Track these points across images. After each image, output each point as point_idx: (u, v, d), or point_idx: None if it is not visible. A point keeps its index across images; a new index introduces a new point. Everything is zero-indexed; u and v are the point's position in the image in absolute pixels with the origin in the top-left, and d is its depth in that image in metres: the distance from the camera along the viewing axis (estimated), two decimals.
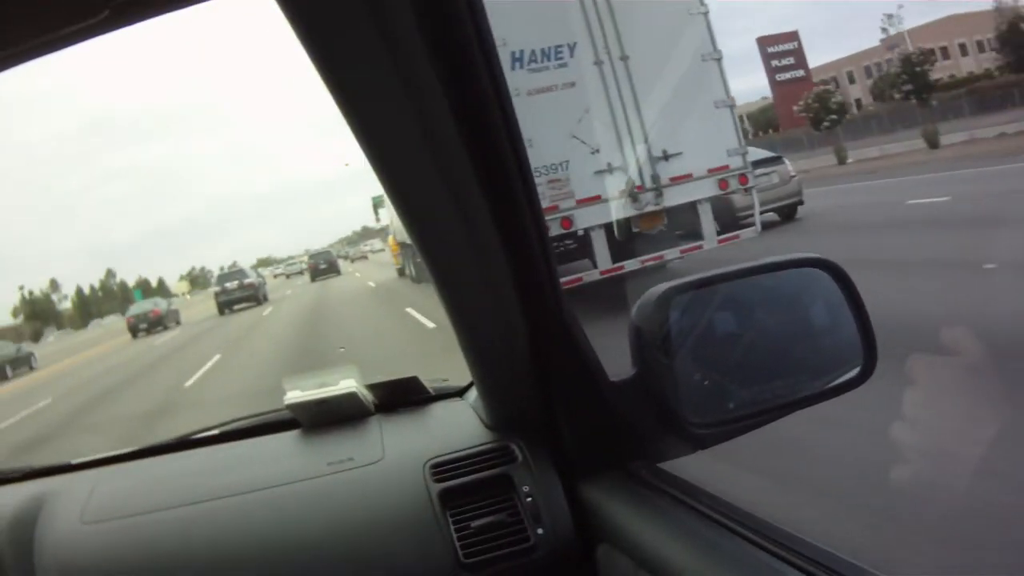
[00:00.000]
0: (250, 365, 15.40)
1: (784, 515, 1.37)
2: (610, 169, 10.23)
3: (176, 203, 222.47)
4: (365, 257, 66.73)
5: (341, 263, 53.40)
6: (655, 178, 10.47)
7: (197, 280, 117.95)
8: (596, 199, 10.27)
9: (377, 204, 29.54)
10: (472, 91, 1.22)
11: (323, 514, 1.82)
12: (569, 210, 10.09)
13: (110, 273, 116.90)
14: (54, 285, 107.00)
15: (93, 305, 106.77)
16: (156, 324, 33.80)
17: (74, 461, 2.34)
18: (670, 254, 10.74)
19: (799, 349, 1.53)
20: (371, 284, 30.82)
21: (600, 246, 10.42)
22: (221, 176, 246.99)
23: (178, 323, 35.13)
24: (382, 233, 50.84)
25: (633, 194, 10.32)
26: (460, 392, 2.23)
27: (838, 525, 3.32)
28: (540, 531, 1.69)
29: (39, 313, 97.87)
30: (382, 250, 71.25)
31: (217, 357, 17.55)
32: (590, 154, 10.13)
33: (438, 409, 2.20)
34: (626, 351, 1.54)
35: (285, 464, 2.05)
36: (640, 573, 1.39)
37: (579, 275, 10.31)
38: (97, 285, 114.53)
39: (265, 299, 35.44)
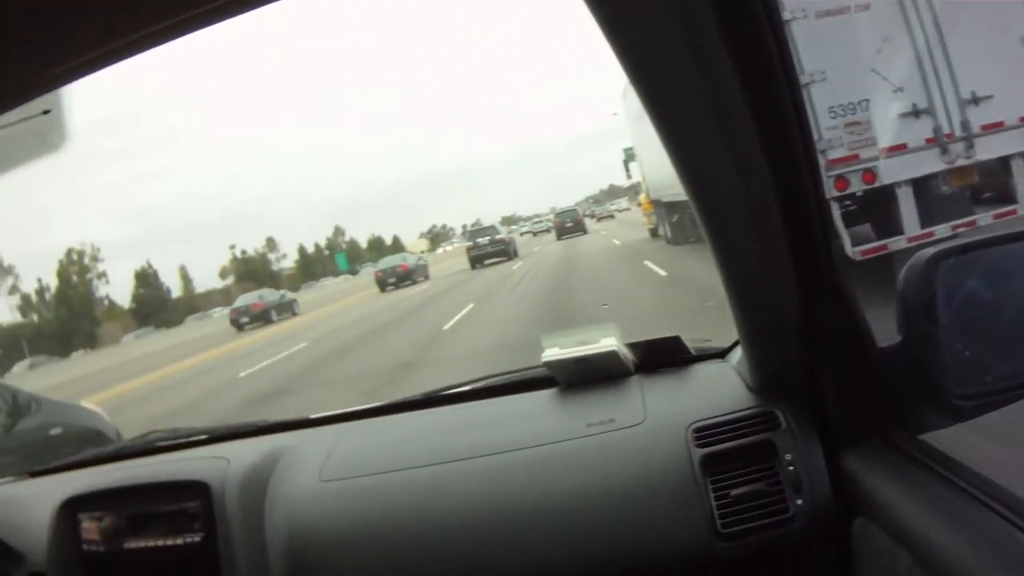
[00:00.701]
0: (501, 316, 15.82)
1: None
2: (915, 112, 8.55)
3: (419, 160, 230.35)
4: (612, 216, 66.23)
5: (587, 222, 52.98)
6: (965, 125, 8.64)
7: (439, 237, 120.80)
8: (902, 148, 8.58)
9: (628, 159, 27.29)
10: (757, 50, 1.21)
11: (581, 476, 1.80)
12: (871, 161, 8.36)
13: (338, 231, 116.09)
14: (271, 244, 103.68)
15: (317, 265, 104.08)
16: (404, 278, 34.45)
17: (314, 416, 2.38)
18: (982, 218, 8.86)
19: None
20: (617, 243, 30.41)
21: (907, 206, 8.58)
22: (465, 133, 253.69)
23: (427, 278, 35.68)
24: (630, 191, 50.02)
25: (943, 143, 8.61)
26: (722, 353, 2.17)
27: None
28: (799, 502, 1.66)
29: (252, 274, 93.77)
30: (627, 209, 70.92)
31: (470, 307, 18.09)
32: (892, 93, 8.49)
33: (700, 371, 2.14)
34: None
35: (542, 423, 2.03)
36: (897, 550, 1.36)
37: (882, 242, 8.50)
38: (323, 243, 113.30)
39: (515, 255, 36.33)
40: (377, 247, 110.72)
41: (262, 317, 33.24)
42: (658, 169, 17.13)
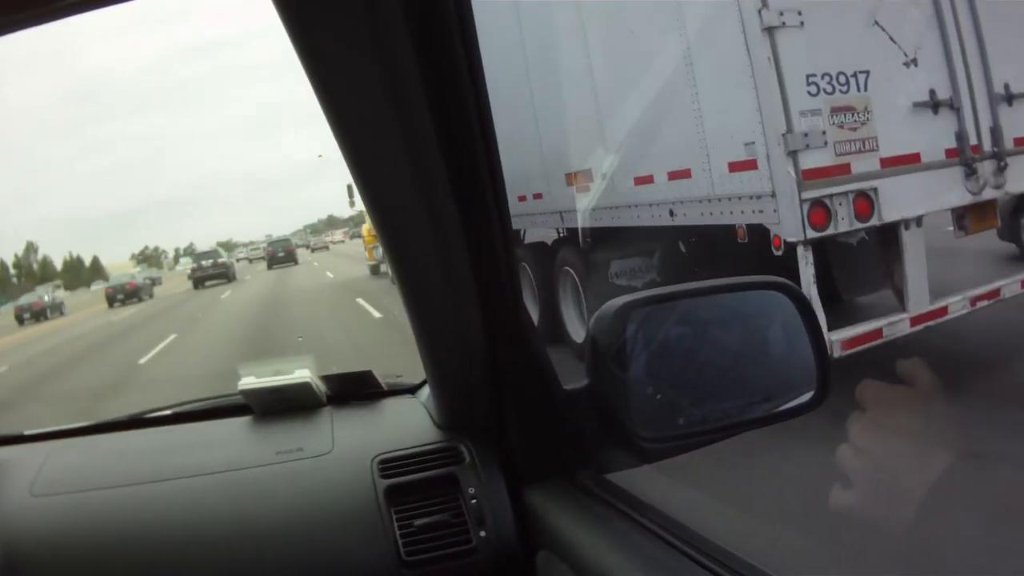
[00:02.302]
0: (220, 328, 18.70)
1: (726, 533, 1.40)
2: (933, 103, 5.51)
3: (139, 184, 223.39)
4: (326, 247, 67.79)
5: (302, 252, 55.14)
6: (996, 134, 5.69)
7: (151, 260, 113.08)
8: (914, 160, 5.52)
9: (353, 188, 26.78)
10: (452, 94, 1.24)
11: (270, 502, 1.86)
12: (868, 178, 5.40)
13: (31, 247, 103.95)
14: None
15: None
16: (132, 295, 37.10)
17: (27, 432, 2.40)
18: (1009, 287, 5.91)
19: (753, 370, 1.55)
20: (331, 276, 29.54)
21: (916, 261, 5.49)
22: (184, 158, 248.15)
23: (151, 296, 38.64)
24: (349, 223, 52.05)
25: (968, 159, 5.62)
26: (413, 389, 2.26)
27: (775, 544, 3.40)
28: (482, 534, 1.73)
29: None
30: (342, 241, 74.04)
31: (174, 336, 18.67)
32: (903, 66, 5.47)
33: (390, 405, 2.24)
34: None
35: (235, 449, 2.10)
36: None
37: (875, 325, 5.45)
38: (11, 260, 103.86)
39: (234, 278, 39.93)
40: (74, 269, 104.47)
41: (41, 314, 37.78)
42: None
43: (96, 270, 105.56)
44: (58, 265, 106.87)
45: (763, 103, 5.60)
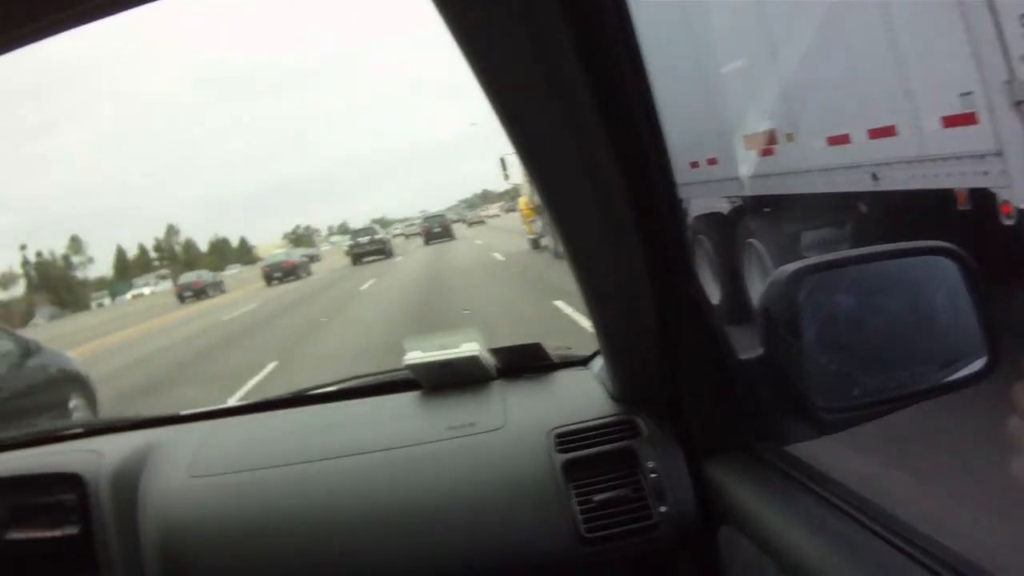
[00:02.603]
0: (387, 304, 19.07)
1: (914, 509, 1.41)
2: None
3: (287, 162, 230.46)
4: (483, 222, 68.24)
5: (459, 227, 55.98)
6: None
7: (302, 239, 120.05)
8: None
9: (507, 162, 24.51)
10: (612, 63, 1.22)
11: (442, 479, 1.85)
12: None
13: (172, 230, 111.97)
14: (76, 245, 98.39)
15: (137, 268, 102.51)
16: (289, 274, 39.41)
17: (183, 412, 2.44)
18: None
19: (922, 338, 1.51)
20: (487, 249, 29.18)
21: None
22: (336, 136, 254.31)
23: (309, 274, 40.46)
24: (505, 197, 52.24)
25: None
26: (584, 361, 2.23)
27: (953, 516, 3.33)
28: (663, 509, 1.70)
29: (48, 282, 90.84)
30: (497, 216, 76.14)
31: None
32: None
33: (561, 378, 2.19)
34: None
35: (404, 426, 2.09)
36: (762, 558, 1.39)
37: None
38: (152, 244, 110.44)
39: (392, 253, 41.69)
40: (220, 250, 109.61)
41: (201, 292, 42.09)
42: None
43: (244, 250, 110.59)
44: (203, 247, 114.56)
45: (979, 46, 4.72)
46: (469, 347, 2.18)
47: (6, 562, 2.14)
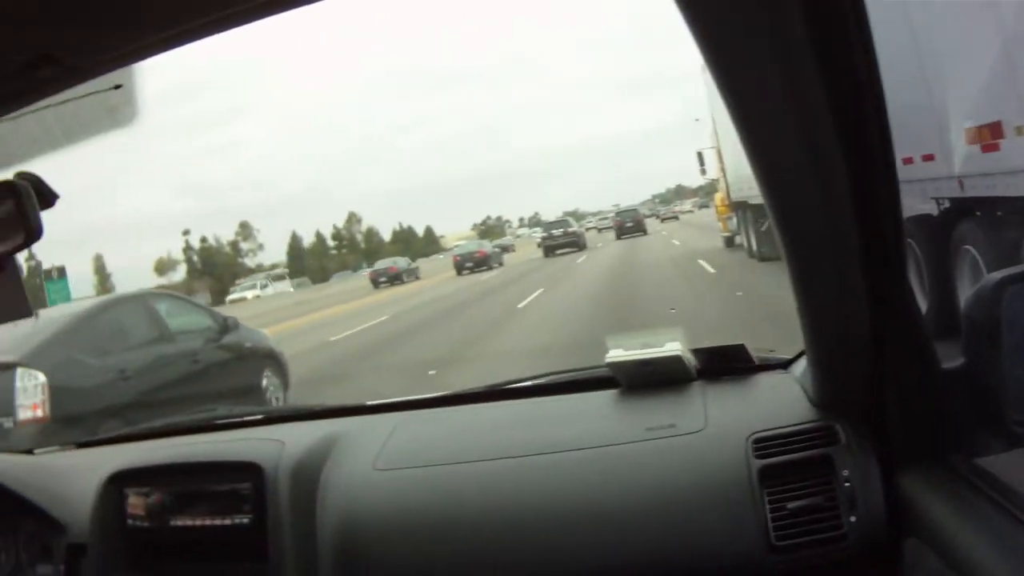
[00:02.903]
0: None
1: None
2: None
3: (477, 154, 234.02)
4: (676, 217, 68.21)
5: (651, 222, 56.49)
6: None
7: (492, 230, 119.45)
8: None
9: (703, 156, 23.55)
10: (848, 62, 1.19)
11: (639, 481, 1.84)
12: None
13: (353, 218, 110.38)
14: (245, 230, 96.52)
15: (312, 258, 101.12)
16: (481, 264, 40.29)
17: (371, 403, 2.48)
18: None
19: None
20: (682, 246, 28.68)
21: None
22: (528, 129, 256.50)
23: (500, 264, 41.41)
24: (699, 192, 51.41)
25: None
26: (785, 364, 2.18)
27: None
28: (852, 519, 1.67)
29: (212, 267, 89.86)
30: (691, 211, 76.38)
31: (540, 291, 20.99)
32: None
33: (762, 380, 2.15)
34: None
35: (602, 425, 2.06)
36: (948, 574, 1.36)
37: None
38: (330, 233, 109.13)
39: (585, 246, 42.14)
40: (404, 240, 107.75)
41: (395, 278, 43.39)
42: (745, 159, 13.54)
43: (430, 240, 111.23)
44: (386, 236, 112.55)
45: None
46: (672, 347, 2.15)
47: (173, 548, 2.16)
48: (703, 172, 24.45)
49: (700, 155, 23.51)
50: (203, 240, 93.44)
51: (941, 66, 7.15)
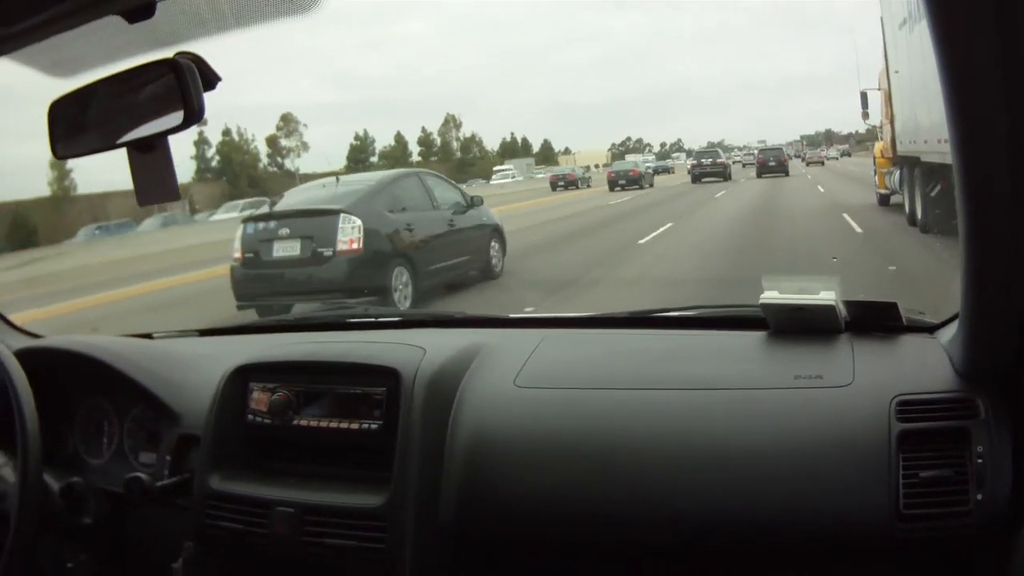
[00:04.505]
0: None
1: None
2: None
3: (620, 77, 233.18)
4: (821, 163, 66.31)
5: (795, 164, 54.87)
6: None
7: (631, 151, 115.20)
8: None
9: (867, 98, 20.77)
10: None
11: (782, 428, 1.85)
12: None
13: (451, 120, 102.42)
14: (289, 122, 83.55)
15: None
16: (634, 182, 43.56)
17: (515, 315, 2.59)
18: None
19: None
20: (849, 223, 18.53)
21: None
22: (676, 57, 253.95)
23: (651, 185, 44.57)
24: (850, 139, 50.46)
25: None
26: (932, 328, 2.15)
27: None
28: (979, 496, 1.68)
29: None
30: (836, 159, 72.23)
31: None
32: None
33: (909, 342, 2.14)
34: None
35: (751, 367, 2.09)
36: None
37: None
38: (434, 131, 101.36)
39: (730, 177, 44.74)
40: (511, 151, 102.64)
41: (572, 183, 50.61)
42: (924, 109, 12.47)
43: (546, 155, 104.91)
44: (535, 147, 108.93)
45: None
46: (827, 295, 2.14)
47: (291, 448, 2.19)
48: (865, 116, 21.63)
49: (864, 96, 20.74)
50: (225, 133, 79.85)
51: None
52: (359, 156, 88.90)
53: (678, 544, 1.88)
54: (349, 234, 9.86)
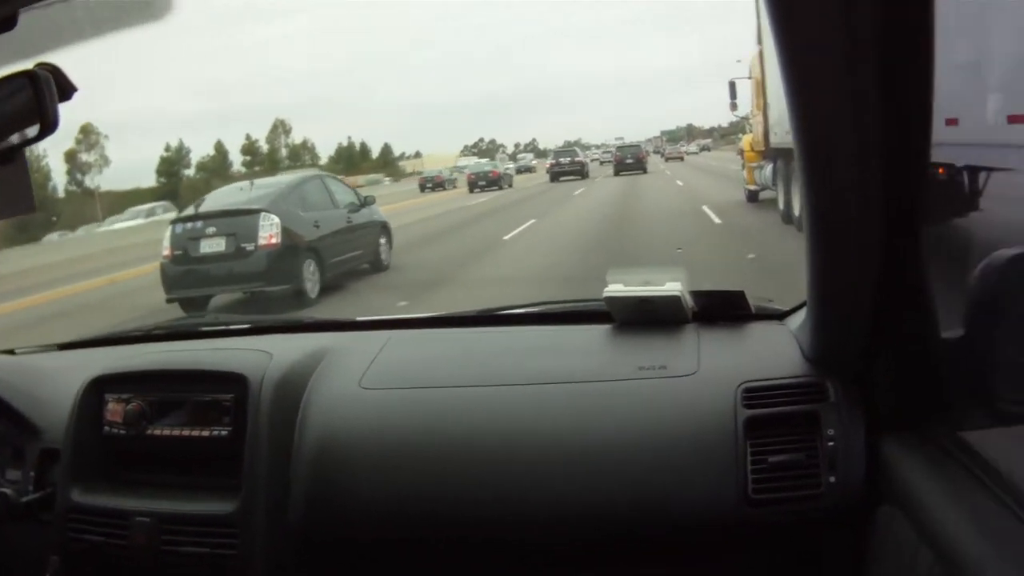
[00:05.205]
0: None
1: None
2: None
3: (471, 79, 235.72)
4: (680, 158, 67.43)
5: (654, 160, 56.46)
6: None
7: (484, 154, 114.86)
8: None
9: (735, 87, 20.44)
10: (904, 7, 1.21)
11: (626, 419, 1.90)
12: None
13: (281, 126, 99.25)
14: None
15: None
16: (493, 183, 44.77)
17: (362, 319, 2.60)
18: None
19: None
20: (716, 221, 18.09)
21: None
22: (530, 57, 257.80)
23: (510, 185, 45.96)
24: (713, 134, 50.55)
25: None
26: (781, 316, 2.23)
27: None
28: (832, 479, 1.75)
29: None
30: (696, 153, 74.18)
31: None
32: None
33: (757, 329, 2.22)
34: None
35: (594, 359, 2.13)
36: (921, 545, 1.40)
37: None
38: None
39: (587, 175, 46.84)
40: (346, 158, 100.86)
41: (440, 185, 53.03)
42: None
43: (386, 161, 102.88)
44: (375, 152, 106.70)
45: None
46: (672, 286, 2.18)
47: (147, 457, 2.20)
48: (734, 107, 21.34)
49: (732, 85, 20.40)
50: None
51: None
52: (171, 169, 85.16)
53: (534, 539, 1.92)
54: (269, 230, 11.57)
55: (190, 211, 12.81)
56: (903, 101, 1.32)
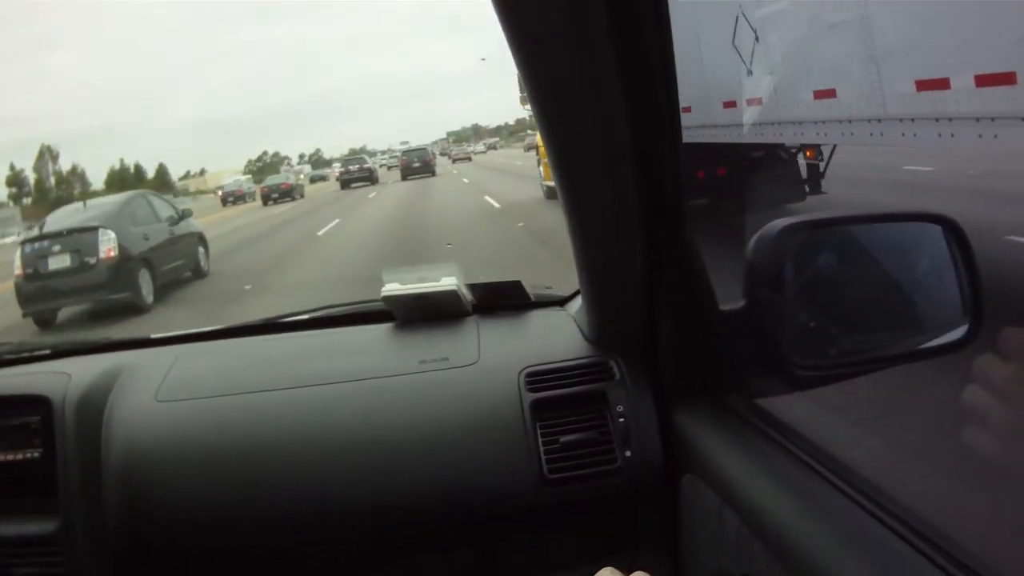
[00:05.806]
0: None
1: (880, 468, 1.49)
2: None
3: (254, 92, 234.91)
4: (468, 158, 68.85)
5: (442, 162, 57.06)
6: None
7: (268, 167, 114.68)
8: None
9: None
10: (636, 20, 1.29)
11: (412, 412, 1.96)
12: None
13: (47, 151, 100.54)
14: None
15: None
16: (286, 195, 46.19)
17: (154, 336, 2.54)
18: None
19: (906, 303, 1.58)
20: (494, 204, 22.98)
21: None
22: (322, 65, 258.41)
23: (303, 196, 47.65)
24: (500, 132, 49.79)
25: None
26: (562, 302, 2.34)
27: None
28: (628, 454, 1.81)
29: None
30: (483, 152, 74.01)
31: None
32: None
33: (538, 317, 2.31)
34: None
35: (376, 357, 2.19)
36: (725, 509, 1.46)
37: None
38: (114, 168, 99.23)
39: (377, 181, 50.10)
40: (120, 182, 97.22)
41: (242, 197, 54.74)
42: None
43: (163, 183, 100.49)
44: (150, 173, 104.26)
45: None
46: (447, 281, 2.26)
47: None
48: (524, 100, 14.86)
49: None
50: None
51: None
52: None
53: (347, 536, 1.99)
54: (107, 244, 13.35)
55: (35, 232, 14.38)
56: (647, 78, 1.40)
